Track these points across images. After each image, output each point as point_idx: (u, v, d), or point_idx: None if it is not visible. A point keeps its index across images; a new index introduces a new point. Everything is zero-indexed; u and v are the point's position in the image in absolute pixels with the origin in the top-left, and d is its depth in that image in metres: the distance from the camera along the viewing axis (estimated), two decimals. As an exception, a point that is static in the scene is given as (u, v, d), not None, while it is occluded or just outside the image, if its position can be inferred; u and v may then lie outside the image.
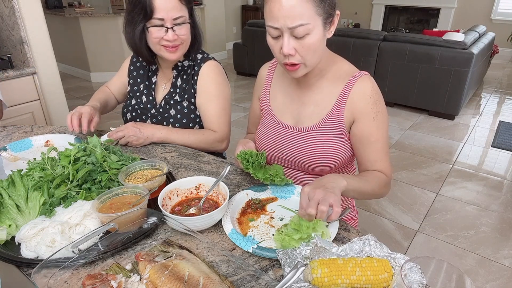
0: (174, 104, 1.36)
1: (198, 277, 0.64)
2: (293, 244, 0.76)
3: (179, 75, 1.37)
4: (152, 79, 1.43)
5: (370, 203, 2.47)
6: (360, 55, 4.09)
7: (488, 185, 2.71)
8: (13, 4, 2.08)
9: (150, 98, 1.41)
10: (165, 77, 1.41)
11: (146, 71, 1.44)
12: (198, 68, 1.34)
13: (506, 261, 1.98)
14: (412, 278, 0.61)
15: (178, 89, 1.36)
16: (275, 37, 0.92)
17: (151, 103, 1.40)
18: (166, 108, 1.37)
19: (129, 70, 1.48)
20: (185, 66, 1.36)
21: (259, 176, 0.97)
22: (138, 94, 1.44)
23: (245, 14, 7.55)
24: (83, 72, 5.26)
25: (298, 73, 0.97)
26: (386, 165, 1.05)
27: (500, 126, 3.72)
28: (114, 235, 0.76)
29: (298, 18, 0.85)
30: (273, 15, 0.87)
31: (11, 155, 1.20)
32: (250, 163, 0.97)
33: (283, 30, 0.87)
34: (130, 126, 1.25)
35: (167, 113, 1.36)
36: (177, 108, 1.36)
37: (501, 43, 6.32)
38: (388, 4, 7.67)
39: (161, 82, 1.42)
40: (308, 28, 0.87)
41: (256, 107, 1.25)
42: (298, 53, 0.91)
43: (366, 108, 1.01)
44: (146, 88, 1.42)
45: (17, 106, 2.15)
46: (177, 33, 1.21)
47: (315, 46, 0.91)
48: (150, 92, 1.41)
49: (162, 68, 1.40)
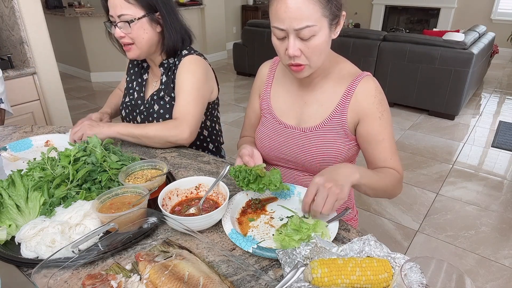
0: (158, 99, 1.36)
1: (198, 277, 0.64)
2: (293, 244, 0.76)
3: (165, 72, 1.36)
4: (144, 76, 1.44)
5: (370, 203, 2.47)
6: (360, 55, 4.09)
7: (488, 185, 2.71)
8: (13, 4, 2.08)
9: (141, 94, 1.42)
10: (155, 75, 1.42)
11: (140, 69, 1.45)
12: (178, 63, 1.33)
13: (506, 261, 1.98)
14: (412, 278, 0.61)
15: (163, 86, 1.36)
16: (280, 38, 0.91)
17: (141, 99, 1.41)
18: (151, 103, 1.37)
19: (128, 68, 1.50)
20: (171, 64, 1.35)
21: (253, 188, 0.92)
22: (131, 91, 1.45)
23: (245, 14, 7.55)
24: (83, 72, 5.26)
25: (303, 73, 0.96)
26: (397, 163, 1.04)
27: (500, 126, 3.72)
28: (114, 235, 0.76)
29: (305, 20, 0.85)
30: (279, 16, 0.86)
31: (11, 155, 1.20)
32: (240, 179, 0.93)
33: (289, 31, 0.87)
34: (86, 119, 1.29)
35: (152, 108, 1.37)
36: (160, 104, 1.35)
37: (501, 43, 6.32)
38: (388, 4, 7.67)
39: (152, 79, 1.43)
40: (314, 29, 0.86)
41: (256, 105, 1.22)
42: (304, 54, 0.91)
43: (371, 108, 1.01)
44: (138, 85, 1.44)
45: (17, 106, 2.15)
46: (124, 31, 1.20)
47: (321, 48, 0.91)
48: (141, 89, 1.42)
49: (152, 66, 1.41)
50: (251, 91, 1.24)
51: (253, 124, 1.25)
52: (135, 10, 1.19)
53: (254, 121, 1.25)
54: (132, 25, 1.19)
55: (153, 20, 1.23)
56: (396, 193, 1.05)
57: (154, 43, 1.28)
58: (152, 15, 1.23)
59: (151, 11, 1.22)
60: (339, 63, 1.07)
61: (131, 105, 1.43)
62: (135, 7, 1.19)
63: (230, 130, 3.61)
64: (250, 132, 1.29)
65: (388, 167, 1.04)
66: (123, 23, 1.19)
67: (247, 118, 1.28)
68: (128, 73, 1.49)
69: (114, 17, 1.20)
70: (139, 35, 1.22)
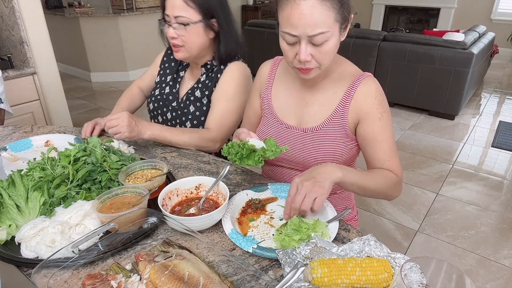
0: (194, 100, 1.35)
1: (198, 277, 0.64)
2: (293, 244, 0.76)
3: (207, 72, 1.36)
4: (180, 73, 1.43)
5: (370, 203, 2.47)
6: (360, 55, 4.09)
7: (488, 185, 2.71)
8: (13, 4, 2.09)
9: (174, 90, 1.41)
10: (194, 75, 1.41)
11: (177, 65, 1.45)
12: (224, 67, 1.33)
13: (506, 261, 1.98)
14: (412, 278, 0.61)
15: (201, 85, 1.36)
16: (290, 43, 0.91)
17: (173, 96, 1.40)
18: (186, 104, 1.37)
19: (162, 61, 1.49)
20: (214, 65, 1.35)
21: (250, 163, 0.90)
22: (164, 85, 1.44)
23: (245, 14, 7.54)
24: (83, 72, 5.26)
25: (311, 75, 0.97)
26: (395, 164, 1.03)
27: (500, 126, 3.72)
28: (114, 235, 0.76)
29: (319, 27, 0.84)
30: (292, 22, 0.86)
31: (11, 155, 1.20)
32: (233, 154, 0.91)
33: (302, 37, 0.87)
34: (125, 116, 1.17)
35: (187, 109, 1.36)
36: (196, 105, 1.35)
37: (501, 43, 6.31)
38: (388, 4, 7.66)
39: (189, 78, 1.42)
40: (327, 35, 0.86)
41: (256, 105, 1.21)
42: (315, 59, 0.91)
43: (371, 109, 1.01)
44: (173, 80, 1.43)
45: (17, 106, 2.15)
46: (178, 33, 1.21)
47: (331, 52, 0.92)
48: (175, 85, 1.42)
49: (193, 65, 1.40)
50: (251, 90, 1.24)
51: (253, 123, 1.24)
52: (193, 13, 1.19)
53: (254, 121, 1.24)
54: (187, 28, 1.19)
55: (208, 26, 1.24)
56: (392, 194, 1.03)
57: (204, 48, 1.29)
58: (208, 21, 1.23)
59: (208, 17, 1.22)
60: (340, 64, 1.07)
61: (161, 99, 1.42)
62: (194, 10, 1.19)
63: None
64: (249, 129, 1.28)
65: (385, 169, 1.03)
66: (179, 24, 1.19)
67: (246, 118, 1.27)
68: (161, 66, 1.48)
69: (170, 17, 1.19)
70: (191, 39, 1.22)
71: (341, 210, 0.92)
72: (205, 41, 1.27)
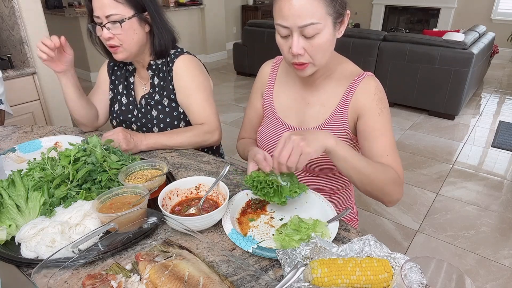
0: (155, 104, 1.33)
1: (198, 277, 0.64)
2: (293, 244, 0.76)
3: (155, 74, 1.34)
4: (130, 79, 1.40)
5: (370, 203, 2.47)
6: (360, 55, 4.09)
7: (488, 185, 2.71)
8: (13, 4, 2.09)
9: (130, 99, 1.38)
10: (143, 78, 1.38)
11: (124, 72, 1.41)
12: (172, 64, 1.31)
13: (506, 261, 1.98)
14: (412, 278, 0.61)
15: (157, 88, 1.34)
16: (284, 36, 0.91)
17: (132, 104, 1.38)
18: (147, 109, 1.34)
19: (109, 75, 1.43)
20: (159, 65, 1.33)
21: (275, 200, 0.87)
22: (119, 97, 1.41)
23: (245, 14, 7.54)
24: (83, 72, 5.26)
25: (306, 71, 0.96)
26: (395, 161, 0.98)
27: (500, 126, 3.72)
28: (114, 235, 0.76)
29: (309, 17, 0.85)
30: (283, 13, 0.86)
31: (18, 157, 1.20)
32: (259, 189, 0.88)
33: (293, 29, 0.87)
34: (120, 131, 1.18)
35: (149, 114, 1.34)
36: (158, 108, 1.33)
37: (501, 43, 6.32)
38: (388, 4, 7.67)
39: (140, 82, 1.39)
40: (318, 27, 0.86)
41: (257, 105, 1.21)
42: (307, 52, 0.91)
43: (370, 104, 1.00)
44: (125, 88, 1.40)
45: (17, 106, 2.15)
46: (113, 32, 1.17)
47: (324, 46, 0.91)
48: (130, 92, 1.39)
49: (138, 68, 1.37)
50: (252, 91, 1.23)
51: (254, 124, 1.24)
52: (124, 9, 1.16)
53: (255, 121, 1.24)
54: (122, 25, 1.16)
55: (142, 19, 1.21)
56: (391, 193, 0.96)
57: (143, 44, 1.26)
58: (141, 14, 1.20)
59: (140, 10, 1.20)
60: (341, 64, 1.07)
61: (121, 113, 1.39)
62: (124, 6, 1.16)
63: (230, 130, 3.61)
64: (250, 133, 1.28)
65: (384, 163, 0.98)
66: (112, 23, 1.16)
67: (247, 118, 1.26)
68: (111, 79, 1.43)
69: (101, 18, 1.16)
70: (128, 36, 1.19)
71: (341, 210, 0.92)
72: (142, 36, 1.23)
